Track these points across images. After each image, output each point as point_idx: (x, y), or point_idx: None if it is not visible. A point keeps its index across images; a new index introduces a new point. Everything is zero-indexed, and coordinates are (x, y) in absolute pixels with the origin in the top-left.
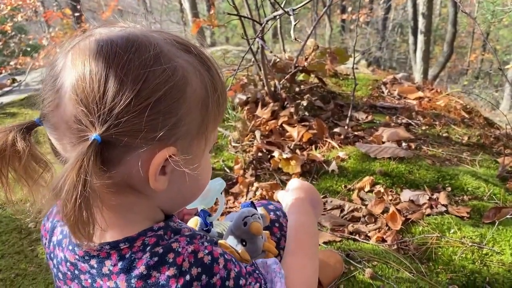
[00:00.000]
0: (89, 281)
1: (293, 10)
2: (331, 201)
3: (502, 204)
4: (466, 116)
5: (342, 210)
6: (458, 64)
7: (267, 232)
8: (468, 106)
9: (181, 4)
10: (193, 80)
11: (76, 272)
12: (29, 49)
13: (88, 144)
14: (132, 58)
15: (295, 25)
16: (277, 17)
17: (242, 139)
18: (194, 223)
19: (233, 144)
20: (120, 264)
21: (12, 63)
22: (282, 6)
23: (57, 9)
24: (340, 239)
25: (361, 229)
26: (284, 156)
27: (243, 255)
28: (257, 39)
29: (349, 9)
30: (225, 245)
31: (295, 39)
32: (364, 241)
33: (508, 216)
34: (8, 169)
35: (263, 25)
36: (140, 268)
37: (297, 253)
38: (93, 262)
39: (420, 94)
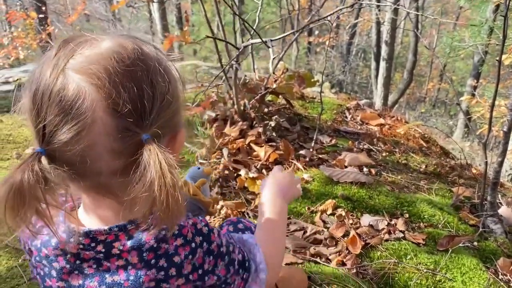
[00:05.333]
0: (94, 266)
1: (272, 41)
2: (295, 223)
3: (455, 233)
4: (424, 144)
5: (304, 232)
6: (416, 91)
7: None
8: (426, 135)
9: (150, 14)
10: (172, 68)
11: (78, 262)
12: None
13: (150, 143)
14: (140, 70)
15: (274, 58)
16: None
17: (209, 156)
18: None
19: (200, 160)
20: (129, 242)
21: None
22: (257, 32)
23: (20, 9)
24: (302, 261)
25: (323, 251)
26: (251, 175)
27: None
28: (232, 62)
29: (316, 32)
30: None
31: (273, 72)
32: (325, 264)
33: (460, 245)
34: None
35: (240, 50)
36: (150, 242)
37: (268, 230)
38: (100, 247)
39: (381, 121)
